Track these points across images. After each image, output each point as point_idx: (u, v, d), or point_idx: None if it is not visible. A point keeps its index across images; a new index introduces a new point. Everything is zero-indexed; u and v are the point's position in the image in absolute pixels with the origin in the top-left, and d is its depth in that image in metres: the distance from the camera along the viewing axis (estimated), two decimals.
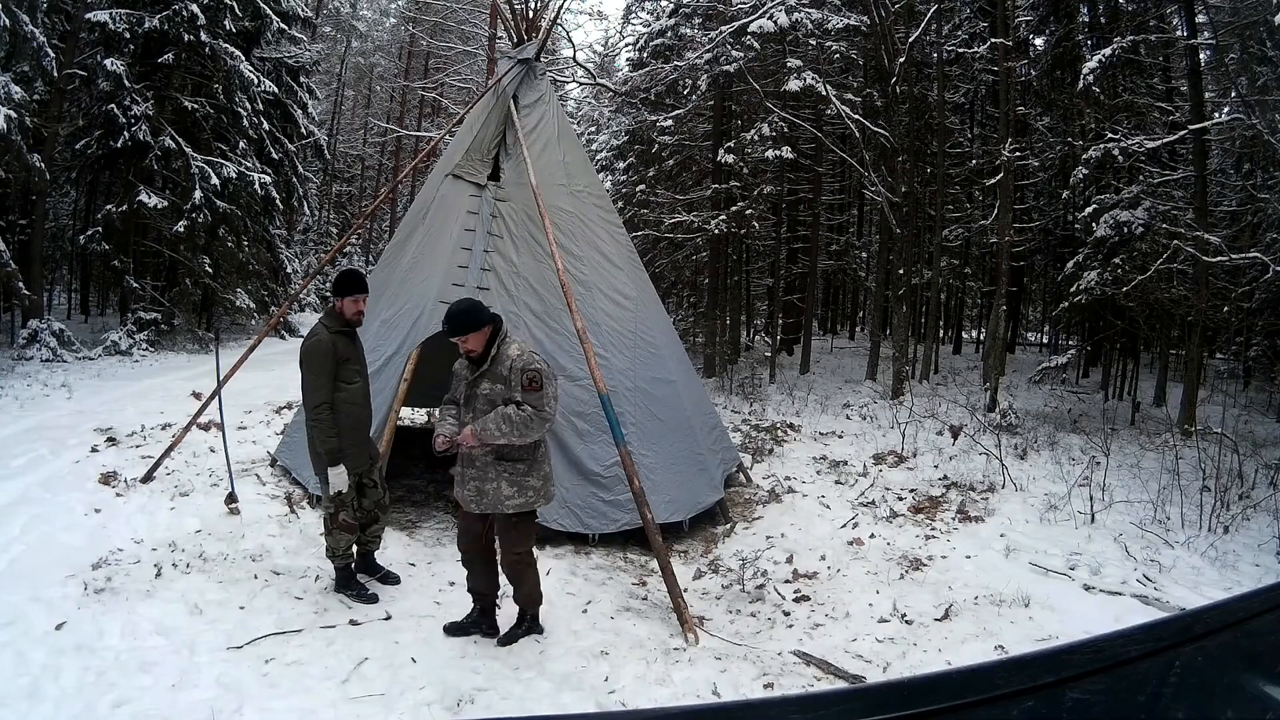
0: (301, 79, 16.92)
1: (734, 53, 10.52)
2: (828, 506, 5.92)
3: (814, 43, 11.40)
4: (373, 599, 3.91)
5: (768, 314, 17.20)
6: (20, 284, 10.15)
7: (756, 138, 10.86)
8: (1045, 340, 18.98)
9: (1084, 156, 9.34)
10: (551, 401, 3.30)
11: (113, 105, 11.91)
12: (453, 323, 3.29)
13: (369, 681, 3.17)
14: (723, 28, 10.68)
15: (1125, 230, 8.59)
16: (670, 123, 12.07)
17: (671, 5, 12.38)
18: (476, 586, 3.58)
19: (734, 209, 11.40)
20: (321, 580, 4.06)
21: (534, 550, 3.56)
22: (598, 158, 13.95)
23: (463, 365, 3.45)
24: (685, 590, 4.08)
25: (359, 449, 3.92)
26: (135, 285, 12.53)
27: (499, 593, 3.63)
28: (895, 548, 5.02)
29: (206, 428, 6.50)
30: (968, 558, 4.83)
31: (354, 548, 4.03)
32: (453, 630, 3.56)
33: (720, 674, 3.38)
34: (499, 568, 3.52)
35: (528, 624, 3.58)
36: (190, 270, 12.93)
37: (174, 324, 13.15)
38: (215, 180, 12.53)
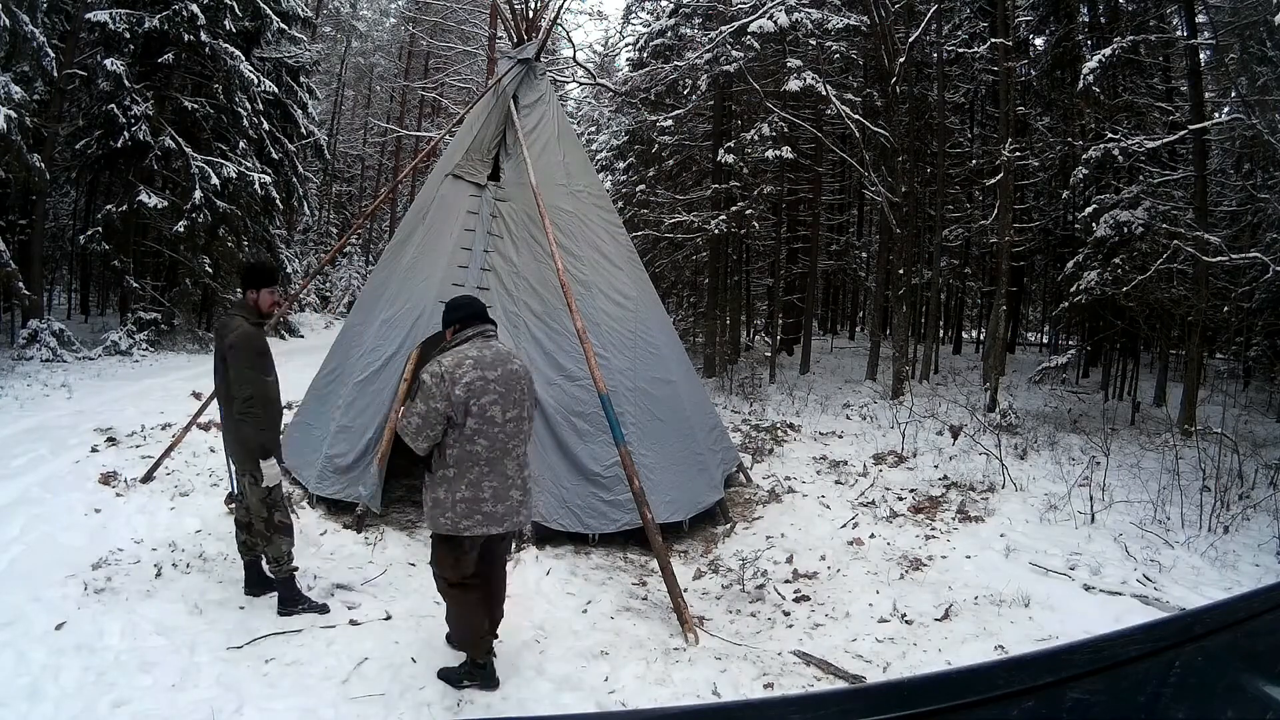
0: (301, 79, 16.90)
1: (734, 53, 10.52)
2: (828, 506, 5.92)
3: (814, 43, 11.40)
4: (323, 609, 3.72)
5: (768, 314, 17.20)
6: (20, 284, 10.14)
7: (756, 138, 10.86)
8: (1045, 340, 18.97)
9: (1084, 156, 9.34)
10: (414, 417, 2.90)
11: (113, 105, 11.91)
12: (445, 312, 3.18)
13: (369, 681, 3.17)
14: (723, 28, 10.68)
15: (1125, 230, 8.59)
16: (670, 123, 12.06)
17: (671, 5, 12.38)
18: None
19: (734, 209, 11.40)
20: (322, 580, 4.07)
21: (456, 586, 3.11)
22: (598, 158, 13.94)
23: None
24: (685, 590, 4.09)
25: (280, 444, 3.81)
26: (135, 285, 12.53)
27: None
28: (895, 548, 5.02)
29: (206, 428, 6.50)
30: (968, 558, 4.83)
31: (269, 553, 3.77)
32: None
33: (720, 674, 3.38)
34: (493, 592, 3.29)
35: (466, 669, 3.17)
36: (190, 270, 12.92)
37: (174, 324, 13.15)
38: (215, 180, 12.53)
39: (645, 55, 12.41)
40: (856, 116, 10.74)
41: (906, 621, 3.99)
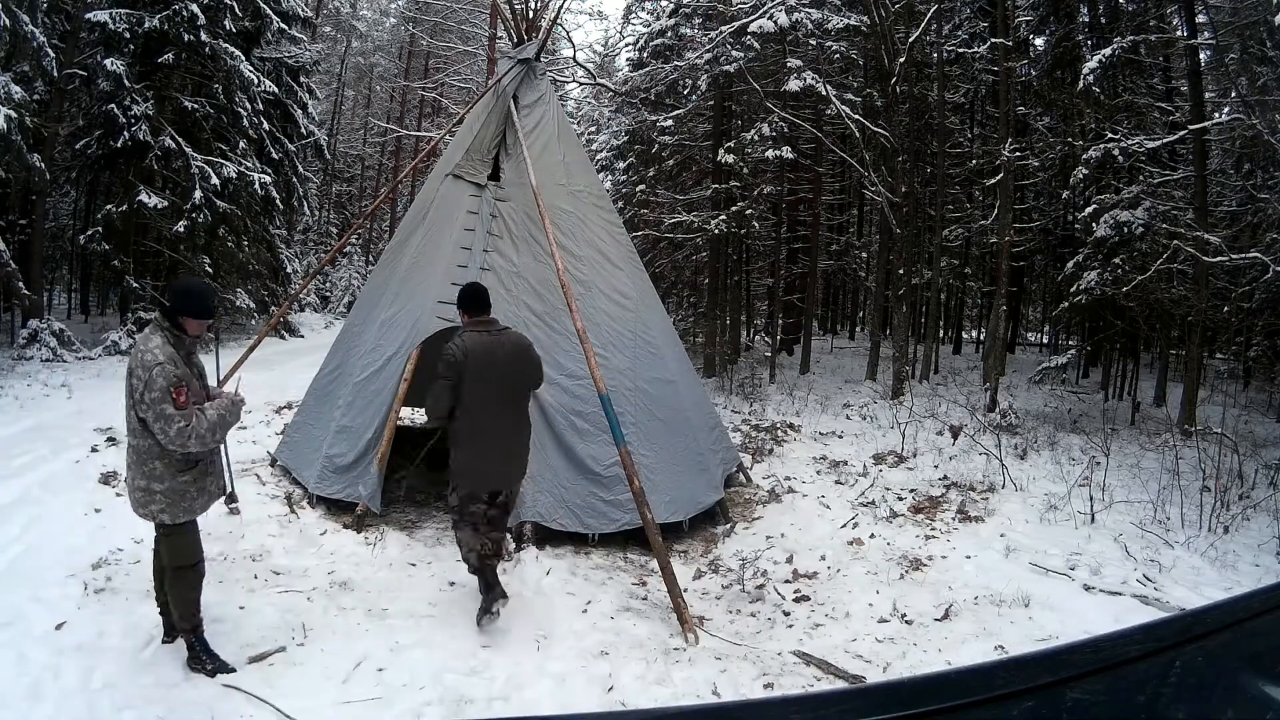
0: (301, 79, 16.90)
1: (734, 53, 10.52)
2: (828, 506, 5.92)
3: (814, 43, 11.39)
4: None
5: (768, 314, 17.19)
6: (20, 284, 10.14)
7: (756, 138, 10.85)
8: (1045, 340, 18.96)
9: (1084, 156, 9.33)
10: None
11: (113, 105, 11.89)
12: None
13: (369, 682, 3.17)
14: (723, 28, 10.67)
15: (1125, 230, 8.58)
16: (670, 123, 12.06)
17: (671, 5, 12.37)
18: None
19: (734, 209, 11.39)
20: (322, 579, 4.06)
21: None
22: (598, 158, 13.95)
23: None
24: (685, 590, 4.08)
25: None
26: (135, 285, 12.52)
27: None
28: (895, 548, 5.01)
29: None
30: (968, 558, 4.82)
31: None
32: None
33: (720, 674, 3.38)
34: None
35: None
36: (190, 270, 12.91)
37: None
38: (215, 180, 12.52)
39: (645, 55, 12.40)
40: (856, 116, 10.73)
41: (906, 621, 3.98)
